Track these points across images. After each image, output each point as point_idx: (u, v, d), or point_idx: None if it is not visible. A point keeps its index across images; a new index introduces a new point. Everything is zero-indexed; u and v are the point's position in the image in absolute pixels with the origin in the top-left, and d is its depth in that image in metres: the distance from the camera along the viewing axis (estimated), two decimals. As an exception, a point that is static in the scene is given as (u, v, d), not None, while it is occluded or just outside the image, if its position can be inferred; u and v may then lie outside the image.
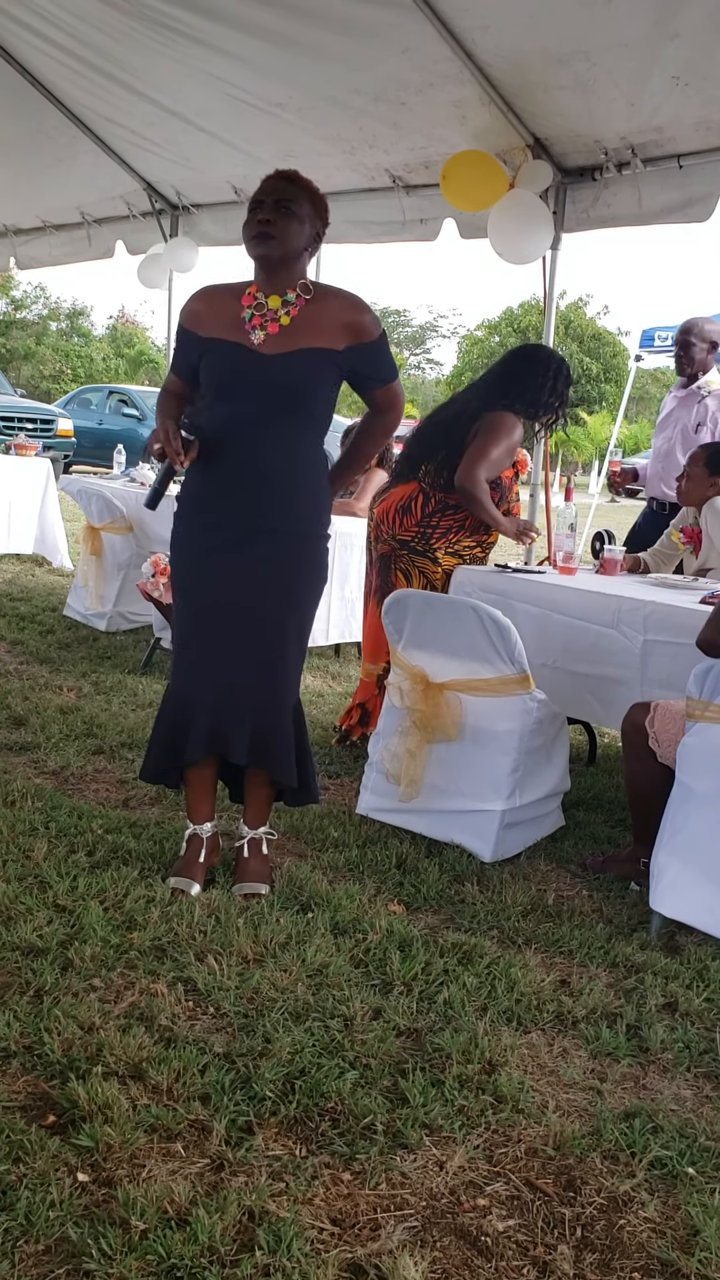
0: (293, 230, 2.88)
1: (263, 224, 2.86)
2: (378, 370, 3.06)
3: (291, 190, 2.90)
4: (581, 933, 3.04)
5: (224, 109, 5.92)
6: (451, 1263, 1.83)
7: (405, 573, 4.36)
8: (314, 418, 2.99)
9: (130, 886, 3.02)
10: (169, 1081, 2.20)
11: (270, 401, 2.91)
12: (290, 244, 2.89)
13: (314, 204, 2.95)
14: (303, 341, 2.90)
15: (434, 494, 4.31)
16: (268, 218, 2.86)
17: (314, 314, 2.93)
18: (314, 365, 2.91)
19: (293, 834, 3.59)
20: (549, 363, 4.34)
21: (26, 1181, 1.89)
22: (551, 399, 4.31)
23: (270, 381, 2.89)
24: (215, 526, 3.00)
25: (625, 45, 4.32)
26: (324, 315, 2.93)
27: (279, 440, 2.94)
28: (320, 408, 2.98)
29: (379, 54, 4.92)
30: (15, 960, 2.61)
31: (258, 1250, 1.79)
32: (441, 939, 2.93)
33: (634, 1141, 2.16)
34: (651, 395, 45.43)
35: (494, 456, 4.22)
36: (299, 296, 2.92)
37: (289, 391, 2.91)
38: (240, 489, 2.97)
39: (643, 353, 12.72)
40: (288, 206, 2.87)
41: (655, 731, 3.19)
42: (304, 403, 2.94)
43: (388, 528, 4.39)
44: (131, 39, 5.64)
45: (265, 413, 2.92)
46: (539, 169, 5.12)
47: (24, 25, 6.08)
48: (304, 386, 2.92)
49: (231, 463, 2.95)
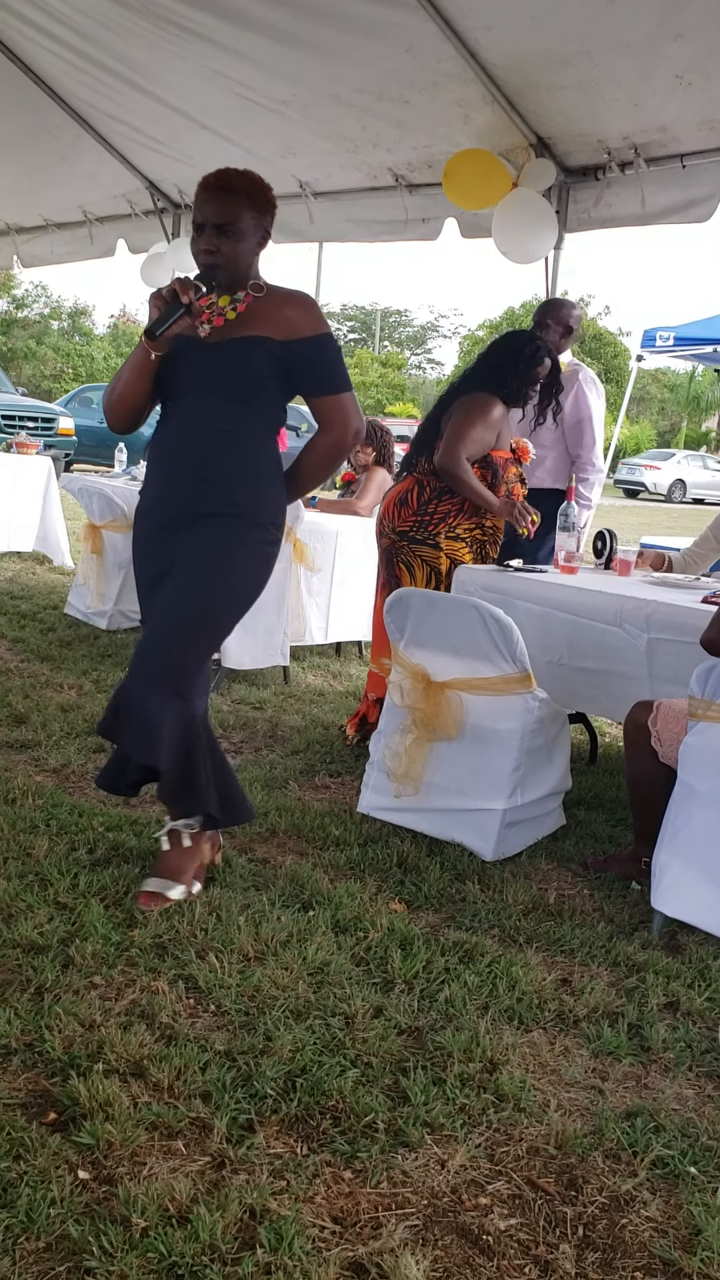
0: (238, 250, 2.85)
1: (206, 254, 2.84)
2: (317, 375, 2.95)
3: (229, 208, 2.83)
4: (583, 932, 3.04)
5: (227, 107, 5.92)
6: (453, 1261, 1.83)
7: (408, 564, 4.37)
8: (256, 407, 2.91)
9: (131, 884, 3.02)
10: (170, 1079, 2.20)
11: (210, 389, 2.88)
12: (236, 261, 2.86)
13: (256, 205, 2.88)
14: (244, 330, 2.89)
15: (428, 482, 4.35)
16: (210, 248, 2.84)
17: (259, 309, 2.91)
18: (250, 351, 2.86)
19: (294, 832, 3.59)
20: (516, 344, 4.42)
21: (27, 1179, 1.89)
22: (515, 380, 4.35)
23: (208, 368, 2.88)
24: (153, 514, 2.99)
25: (628, 45, 4.32)
26: (267, 311, 2.91)
27: (220, 429, 2.89)
28: (262, 397, 2.91)
29: (383, 52, 4.92)
30: (16, 957, 2.61)
31: (259, 1248, 1.78)
32: (443, 937, 2.92)
33: (636, 1141, 2.16)
34: (652, 396, 45.48)
35: (472, 435, 4.26)
36: (247, 294, 2.92)
37: (226, 377, 2.87)
38: (179, 478, 2.94)
39: (644, 353, 12.69)
40: (228, 230, 2.82)
41: (658, 730, 3.19)
42: (242, 389, 2.88)
43: (388, 522, 4.43)
44: (135, 36, 5.63)
45: (206, 401, 2.89)
46: (542, 167, 5.11)
47: (27, 21, 6.07)
48: (240, 372, 2.87)
49: (176, 452, 2.95)
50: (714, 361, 16.14)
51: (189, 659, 2.91)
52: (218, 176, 2.88)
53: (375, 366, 43.97)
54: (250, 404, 2.90)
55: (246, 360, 2.87)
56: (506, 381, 4.34)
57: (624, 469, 31.41)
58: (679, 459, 32.20)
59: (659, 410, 47.09)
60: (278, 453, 3.02)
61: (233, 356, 2.87)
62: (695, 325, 12.14)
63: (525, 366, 4.35)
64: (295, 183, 6.35)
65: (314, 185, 6.34)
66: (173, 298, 2.77)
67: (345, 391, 2.99)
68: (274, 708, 5.15)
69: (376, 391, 41.09)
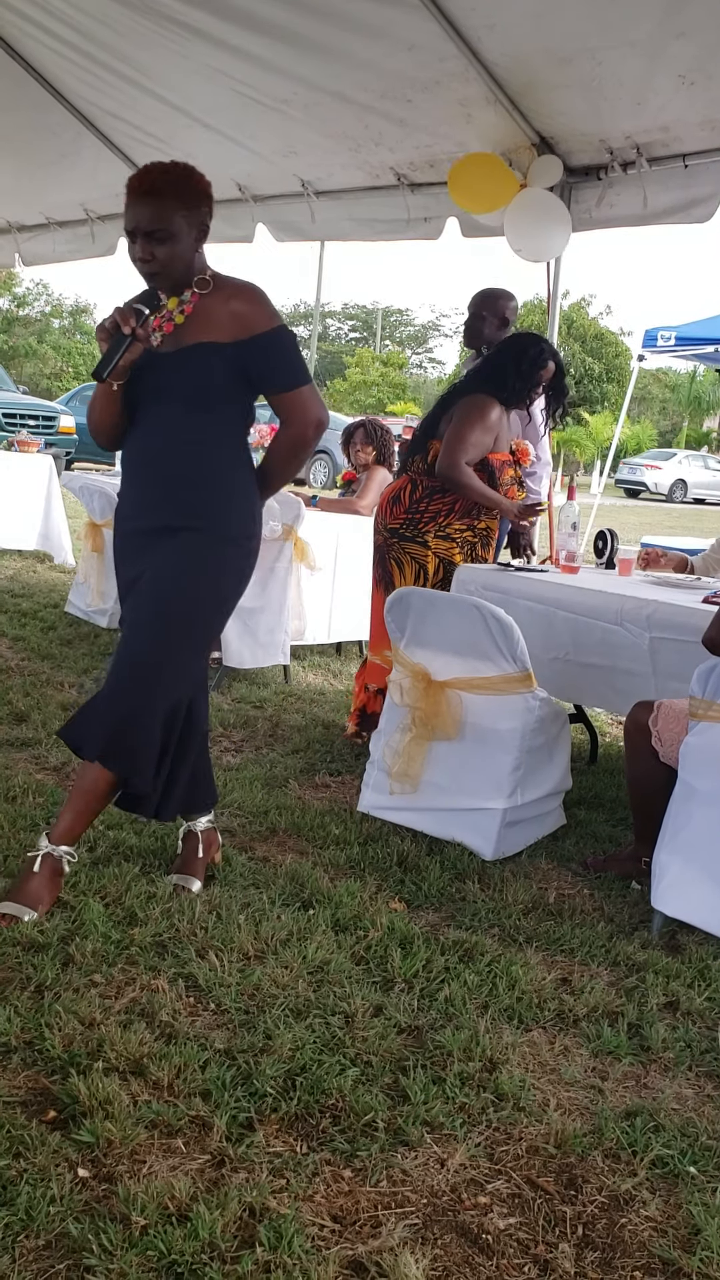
0: (174, 253, 2.76)
1: (142, 262, 2.77)
2: (272, 372, 2.86)
3: (158, 213, 2.73)
4: (583, 931, 3.04)
5: (229, 105, 5.91)
6: (452, 1260, 1.83)
7: (398, 561, 4.39)
8: (217, 414, 2.85)
9: (131, 882, 3.02)
10: (170, 1078, 2.20)
11: (169, 402, 2.83)
12: (175, 264, 2.78)
13: (186, 204, 2.76)
14: (193, 337, 2.81)
15: (421, 480, 4.37)
16: (145, 256, 2.76)
17: (207, 308, 2.82)
18: (201, 360, 2.79)
19: (294, 831, 3.59)
20: (520, 346, 4.42)
21: (27, 1177, 1.89)
22: (516, 381, 4.34)
23: (165, 379, 2.82)
24: (128, 520, 2.97)
25: (632, 43, 4.32)
26: (215, 308, 2.82)
27: (184, 441, 2.85)
28: (221, 403, 2.84)
29: (385, 51, 4.91)
30: (16, 955, 2.61)
31: (258, 1247, 1.78)
32: (442, 937, 2.93)
33: (635, 1140, 2.16)
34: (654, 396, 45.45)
35: (470, 439, 4.26)
36: (193, 293, 2.84)
37: (183, 388, 2.81)
38: (149, 489, 2.92)
39: (645, 353, 12.70)
40: (159, 236, 2.73)
41: (658, 730, 3.19)
42: (200, 399, 2.82)
43: (381, 519, 4.46)
44: (137, 34, 5.63)
45: (168, 413, 2.85)
46: (549, 163, 5.10)
47: (28, 19, 6.06)
48: (193, 384, 2.81)
49: (142, 464, 2.92)
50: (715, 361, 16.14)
51: (160, 680, 2.86)
52: (141, 179, 2.77)
53: (376, 365, 43.96)
54: (210, 411, 2.84)
55: (199, 370, 2.80)
56: (507, 383, 4.34)
57: (625, 469, 31.40)
58: (680, 459, 32.20)
59: (660, 410, 47.07)
60: (246, 456, 2.96)
61: (186, 366, 2.80)
62: (697, 325, 12.15)
63: (528, 369, 4.35)
64: (297, 181, 6.35)
65: (316, 184, 6.33)
66: (115, 329, 2.71)
67: (302, 385, 2.89)
68: (274, 706, 5.15)
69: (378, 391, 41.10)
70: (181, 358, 2.81)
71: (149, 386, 2.85)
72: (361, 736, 4.57)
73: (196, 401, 2.83)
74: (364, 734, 4.51)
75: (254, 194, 6.74)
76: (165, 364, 2.82)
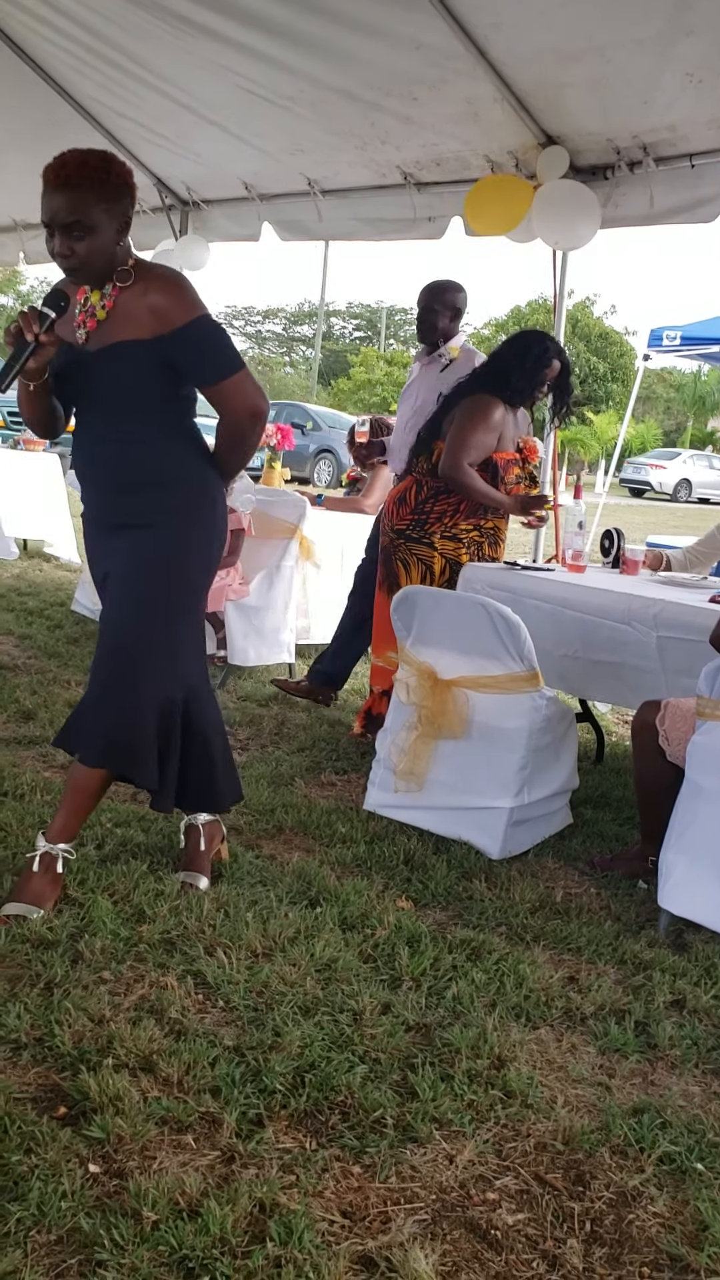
0: (95, 247, 2.66)
1: (62, 258, 2.68)
2: (196, 365, 2.75)
3: (76, 205, 2.62)
4: (590, 930, 3.05)
5: (235, 103, 5.91)
6: (462, 1255, 1.84)
7: (404, 562, 4.40)
8: (150, 414, 2.79)
9: (139, 880, 3.03)
10: (179, 1074, 2.21)
11: (99, 401, 2.78)
12: (95, 259, 2.68)
13: (106, 197, 2.65)
14: (114, 335, 2.72)
15: (425, 481, 4.38)
16: (63, 251, 2.66)
17: (128, 302, 2.71)
18: (124, 361, 2.71)
19: (300, 829, 3.60)
20: (524, 344, 4.41)
21: (38, 1172, 1.90)
22: (520, 380, 4.33)
23: (93, 381, 2.76)
24: (89, 517, 2.99)
25: (639, 41, 4.31)
26: (135, 302, 2.70)
27: (116, 441, 2.80)
28: (151, 400, 2.77)
29: (392, 49, 4.91)
30: (26, 953, 2.62)
31: (269, 1242, 1.79)
32: (450, 935, 2.93)
33: (643, 1137, 2.17)
34: (658, 395, 45.42)
35: (473, 440, 4.25)
36: (114, 287, 2.73)
37: (109, 392, 2.76)
38: (96, 492, 2.91)
39: (650, 352, 12.67)
40: (78, 231, 2.64)
41: (665, 729, 3.19)
42: (128, 401, 2.76)
43: (387, 520, 4.47)
44: (142, 31, 5.63)
45: (101, 414, 2.81)
46: (556, 155, 5.07)
47: (33, 15, 6.06)
48: (119, 385, 2.75)
49: (86, 467, 2.90)
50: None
51: (140, 671, 2.85)
52: (57, 170, 2.64)
53: (381, 364, 43.93)
54: (141, 410, 2.78)
55: (122, 370, 2.73)
56: (510, 382, 4.33)
57: (630, 468, 31.37)
58: (684, 458, 32.18)
59: (665, 409, 47.04)
60: (187, 448, 2.88)
61: (109, 367, 2.73)
62: (702, 325, 12.12)
63: (533, 367, 4.34)
64: (304, 180, 6.35)
65: (322, 183, 6.33)
66: (19, 334, 2.63)
67: (234, 374, 2.76)
68: (280, 704, 5.16)
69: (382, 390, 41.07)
70: (104, 359, 2.74)
71: (79, 388, 2.81)
72: (367, 737, 4.57)
73: (125, 402, 2.77)
74: (369, 735, 4.51)
75: (260, 192, 6.74)
76: (89, 365, 2.75)
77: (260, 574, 5.53)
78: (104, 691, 2.86)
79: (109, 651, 2.87)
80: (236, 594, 5.44)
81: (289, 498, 5.82)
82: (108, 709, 2.85)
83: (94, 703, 2.88)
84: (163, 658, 2.89)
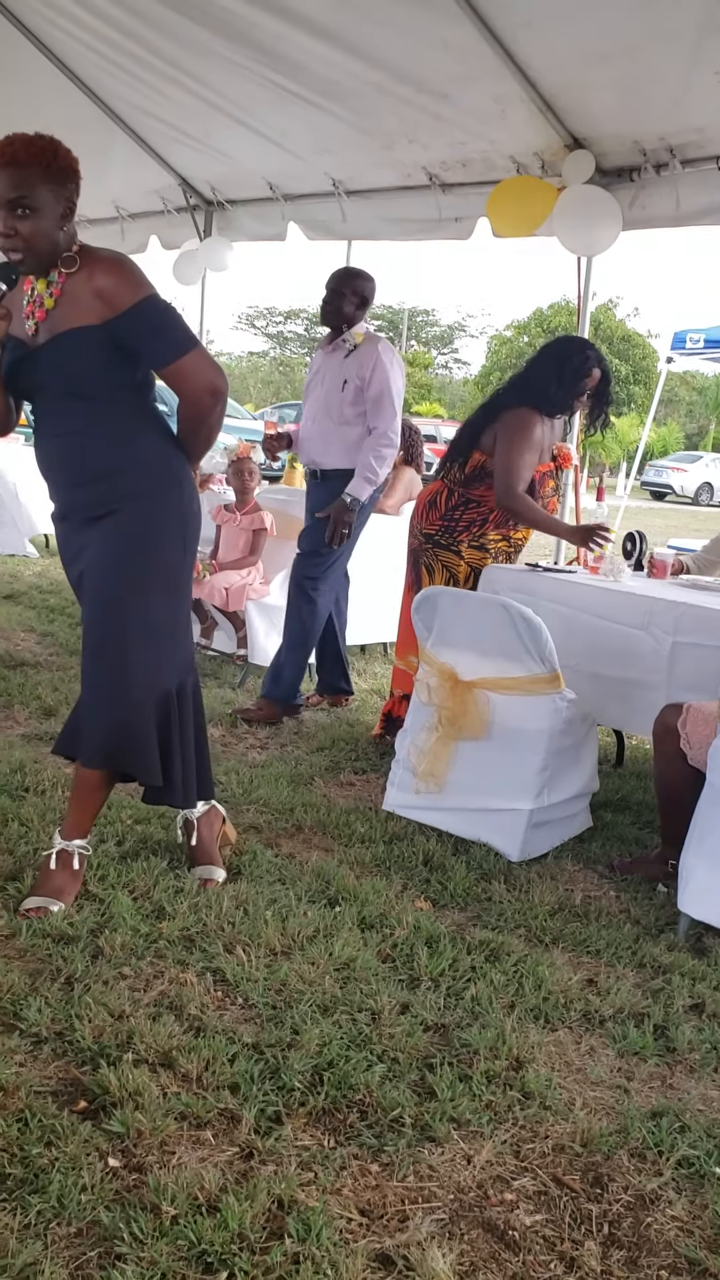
0: (38, 229, 2.61)
1: (4, 237, 2.61)
2: (149, 346, 2.70)
3: (21, 182, 2.56)
4: (609, 933, 3.04)
5: (262, 102, 5.92)
6: (479, 1255, 1.84)
7: (429, 567, 4.40)
8: (102, 399, 2.73)
9: (159, 877, 3.04)
10: (198, 1070, 2.22)
11: (51, 393, 2.73)
12: (39, 241, 2.63)
13: (53, 178, 2.60)
14: (63, 323, 2.67)
15: (456, 488, 4.34)
16: (6, 230, 2.59)
17: (74, 288, 2.66)
18: (75, 349, 2.67)
19: (319, 828, 3.60)
20: (561, 354, 4.27)
21: (58, 1165, 1.91)
22: (558, 392, 4.21)
23: (45, 373, 2.71)
24: (56, 511, 2.96)
25: (668, 41, 4.29)
26: (81, 288, 2.65)
27: (74, 429, 2.75)
28: (105, 387, 2.73)
29: (419, 49, 4.91)
30: (47, 947, 2.64)
31: (287, 1238, 1.80)
32: (469, 936, 2.93)
33: (661, 1140, 2.16)
34: (681, 398, 45.25)
35: (523, 463, 4.15)
36: (60, 273, 2.66)
37: (62, 384, 2.72)
38: (59, 489, 2.88)
39: (673, 355, 12.66)
40: (20, 209, 2.58)
41: (687, 733, 3.18)
42: (84, 387, 2.71)
43: (417, 522, 4.45)
44: (169, 30, 5.64)
45: (53, 406, 2.76)
46: (582, 159, 5.08)
47: (60, 11, 6.08)
48: (73, 374, 2.70)
49: (45, 460, 2.86)
50: (744, 364, 16.06)
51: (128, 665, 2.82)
52: (3, 148, 2.58)
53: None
54: (95, 398, 2.73)
55: (73, 358, 2.68)
56: (549, 393, 4.21)
57: (651, 471, 31.27)
58: (706, 462, 32.04)
59: (687, 413, 46.85)
60: (148, 433, 2.84)
61: (60, 357, 2.69)
62: (726, 328, 12.09)
63: (571, 379, 4.20)
64: (328, 180, 6.36)
65: (347, 184, 6.34)
66: None
67: (189, 352, 2.72)
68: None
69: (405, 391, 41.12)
70: (54, 348, 2.69)
71: (31, 383, 2.75)
72: (386, 739, 4.57)
73: (80, 392, 2.72)
74: (389, 736, 4.51)
75: (284, 193, 6.76)
76: (39, 358, 2.71)
77: (281, 573, 5.54)
78: (96, 694, 2.84)
79: (94, 652, 2.83)
80: (257, 593, 5.46)
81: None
82: (103, 711, 2.83)
83: (89, 706, 2.86)
84: (149, 649, 2.85)
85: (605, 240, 5.19)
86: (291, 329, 54.18)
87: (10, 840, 3.21)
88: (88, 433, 2.76)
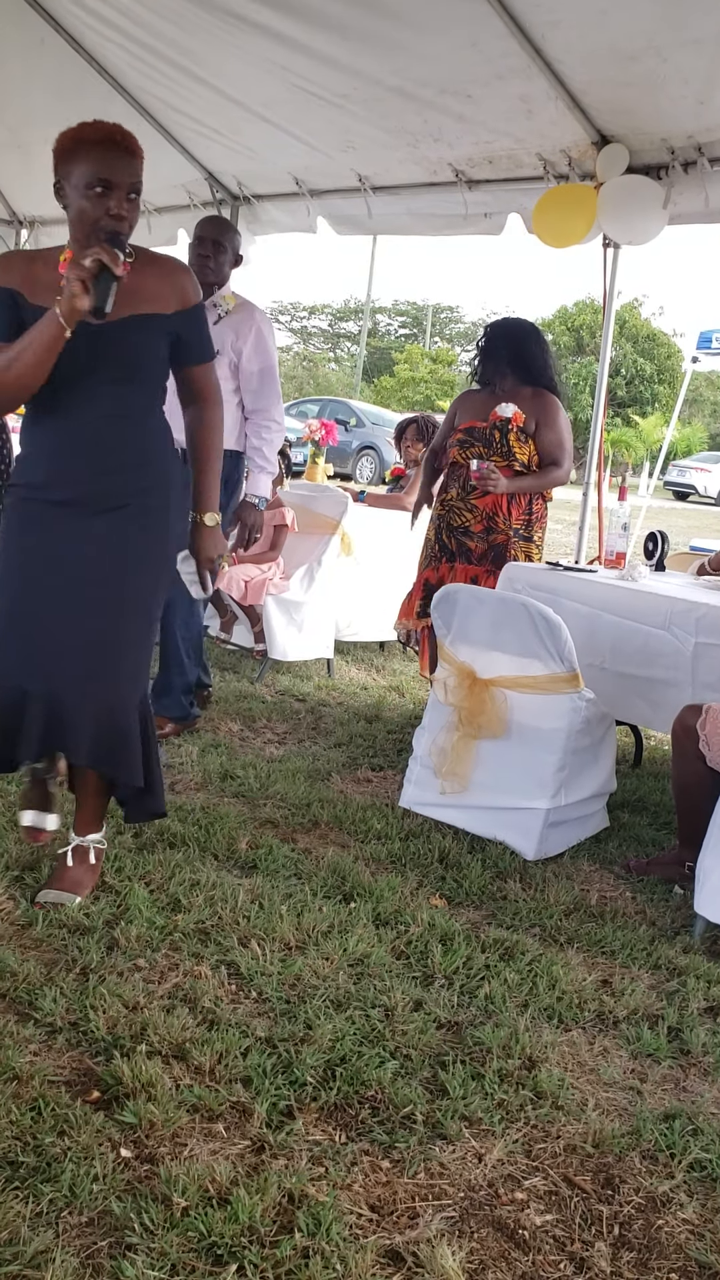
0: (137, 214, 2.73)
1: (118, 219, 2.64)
2: (201, 344, 2.89)
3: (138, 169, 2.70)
4: (624, 934, 3.03)
5: (288, 99, 5.92)
6: (489, 1254, 1.84)
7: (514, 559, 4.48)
8: (149, 386, 2.82)
9: (175, 869, 3.05)
10: (211, 1063, 2.22)
11: (100, 372, 2.71)
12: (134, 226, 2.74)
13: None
14: (131, 307, 2.69)
15: None
16: (120, 213, 2.64)
17: (140, 278, 2.71)
18: (146, 333, 2.74)
19: (335, 824, 3.61)
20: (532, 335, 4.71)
21: (71, 1155, 1.92)
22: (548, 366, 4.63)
23: (100, 351, 2.68)
24: (58, 503, 2.75)
25: (697, 41, 4.27)
26: (150, 279, 2.74)
27: (117, 412, 2.75)
28: (155, 376, 2.83)
29: (447, 46, 4.90)
30: (62, 938, 2.65)
31: (297, 1232, 1.80)
32: (483, 934, 2.93)
33: (674, 1143, 2.16)
34: (705, 398, 44.96)
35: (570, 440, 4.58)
36: (125, 263, 2.63)
37: (123, 361, 2.73)
38: (79, 463, 2.76)
39: (699, 354, 12.60)
40: (134, 194, 2.69)
41: (706, 734, 3.17)
42: (139, 372, 2.77)
43: (503, 517, 4.49)
44: (196, 27, 5.65)
45: (99, 382, 2.73)
46: (616, 152, 5.05)
47: (90, 11, 6.11)
48: (137, 355, 2.75)
49: (68, 436, 2.76)
50: (769, 365, 15.97)
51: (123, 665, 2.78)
52: (113, 130, 2.68)
53: (425, 362, 43.84)
54: (137, 382, 2.78)
55: (141, 342, 2.74)
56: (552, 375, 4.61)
57: (674, 471, 31.08)
58: (730, 463, 31.83)
59: (711, 413, 46.58)
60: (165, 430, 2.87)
61: (127, 338, 2.70)
62: (752, 328, 12.01)
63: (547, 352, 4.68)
64: (354, 176, 6.35)
65: (373, 180, 6.33)
66: (101, 269, 2.54)
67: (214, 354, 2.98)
68: (317, 700, 5.17)
69: (426, 388, 41.00)
70: (120, 329, 2.68)
71: (78, 360, 2.66)
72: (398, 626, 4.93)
73: (134, 374, 2.76)
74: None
75: (311, 188, 6.75)
76: (99, 335, 2.66)
77: (301, 569, 5.55)
78: (91, 688, 2.74)
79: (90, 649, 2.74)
80: (277, 588, 5.46)
81: (331, 493, 5.83)
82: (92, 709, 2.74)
83: (77, 704, 2.73)
84: (142, 650, 2.84)
85: (654, 229, 5.16)
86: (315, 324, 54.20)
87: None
88: (132, 418, 2.78)
